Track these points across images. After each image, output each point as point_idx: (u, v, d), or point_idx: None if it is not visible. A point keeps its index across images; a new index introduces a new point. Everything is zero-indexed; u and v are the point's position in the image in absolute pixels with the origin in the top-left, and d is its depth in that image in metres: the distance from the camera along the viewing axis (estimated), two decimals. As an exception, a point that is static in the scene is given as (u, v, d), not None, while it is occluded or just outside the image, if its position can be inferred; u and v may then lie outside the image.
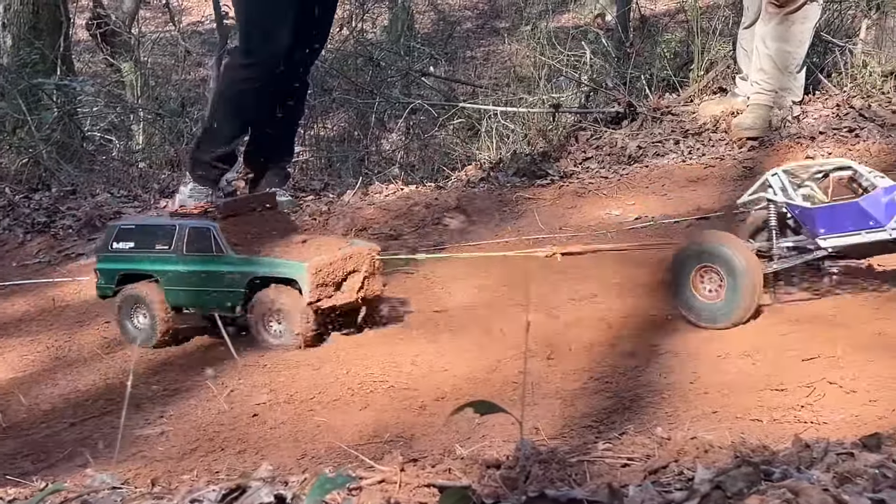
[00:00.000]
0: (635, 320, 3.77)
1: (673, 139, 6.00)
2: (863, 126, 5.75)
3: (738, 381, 3.16)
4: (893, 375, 3.00)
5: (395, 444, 3.01)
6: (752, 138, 5.84)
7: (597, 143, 6.11)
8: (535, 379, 3.37)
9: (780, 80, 5.97)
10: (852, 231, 3.44)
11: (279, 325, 3.79)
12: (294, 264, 3.76)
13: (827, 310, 3.59)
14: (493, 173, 5.90)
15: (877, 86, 6.25)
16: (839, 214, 3.45)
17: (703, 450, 2.24)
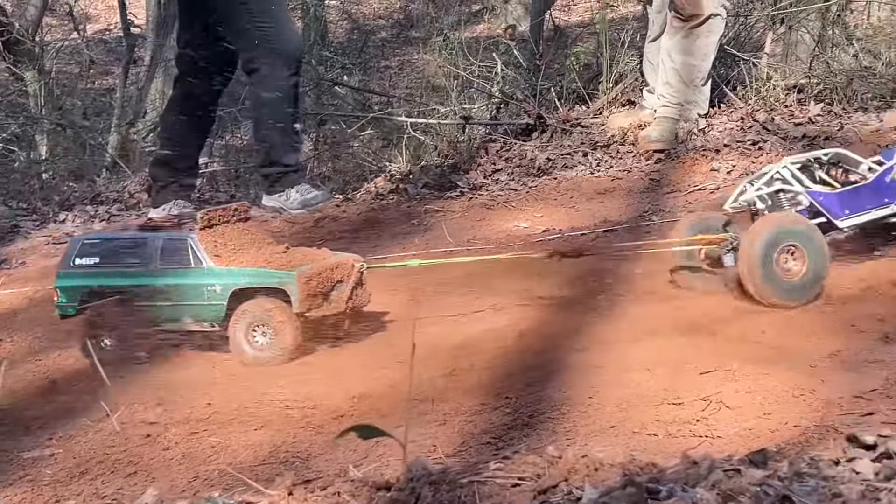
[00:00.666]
0: (539, 333, 3.76)
1: (582, 151, 6.04)
2: (766, 139, 5.86)
3: (636, 395, 3.16)
4: (787, 389, 3.04)
5: (291, 465, 2.96)
6: (658, 150, 5.91)
7: (507, 154, 6.12)
8: (435, 395, 3.34)
9: (686, 93, 6.04)
10: (868, 209, 3.80)
11: (264, 338, 3.71)
12: (284, 273, 3.69)
13: (726, 323, 3.62)
14: (403, 185, 5.87)
15: (780, 99, 6.36)
16: (858, 197, 3.79)
17: (594, 468, 2.23)
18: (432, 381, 3.44)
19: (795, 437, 2.73)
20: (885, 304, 3.59)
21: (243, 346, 3.71)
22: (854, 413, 2.87)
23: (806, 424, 2.79)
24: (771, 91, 6.47)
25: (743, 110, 6.29)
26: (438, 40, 7.98)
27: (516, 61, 7.47)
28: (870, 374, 3.09)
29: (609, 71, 6.71)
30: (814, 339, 3.41)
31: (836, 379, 3.09)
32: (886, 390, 2.98)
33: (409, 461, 2.28)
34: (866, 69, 6.88)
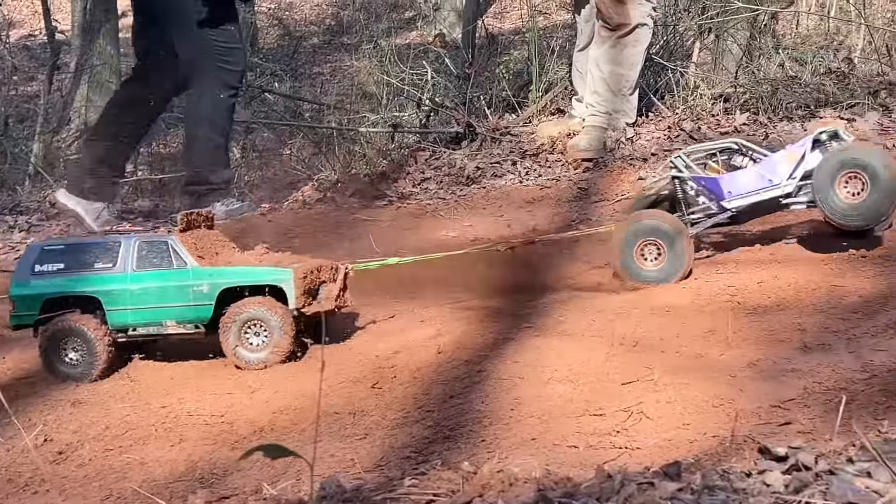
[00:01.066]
0: (465, 344, 3.74)
1: (511, 160, 6.03)
2: (692, 148, 5.88)
3: (558, 406, 3.16)
4: (707, 399, 3.05)
5: (206, 482, 2.91)
6: (587, 159, 5.92)
7: (436, 163, 6.09)
8: (358, 408, 3.31)
9: (614, 102, 6.07)
10: (752, 191, 4.06)
11: (258, 338, 3.68)
12: (281, 271, 3.68)
13: (648, 334, 3.63)
14: (331, 194, 5.82)
15: (706, 108, 6.42)
16: (742, 180, 4.09)
17: (509, 483, 2.20)
18: (355, 394, 3.41)
19: (713, 447, 2.74)
20: (805, 314, 3.62)
21: (236, 348, 3.67)
22: (772, 423, 2.89)
23: (724, 435, 2.80)
24: (698, 100, 6.53)
25: (670, 119, 6.33)
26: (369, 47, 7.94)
27: (447, 69, 7.46)
28: (788, 384, 3.11)
29: (538, 80, 6.73)
30: (734, 348, 3.42)
31: (755, 389, 3.11)
32: (804, 400, 3.00)
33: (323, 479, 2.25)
34: (792, 79, 6.97)
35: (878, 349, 3.24)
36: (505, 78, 7.06)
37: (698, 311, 3.79)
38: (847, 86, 6.67)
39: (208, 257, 3.77)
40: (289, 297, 3.66)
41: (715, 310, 3.76)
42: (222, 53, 5.59)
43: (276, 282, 3.68)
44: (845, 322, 3.52)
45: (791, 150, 4.10)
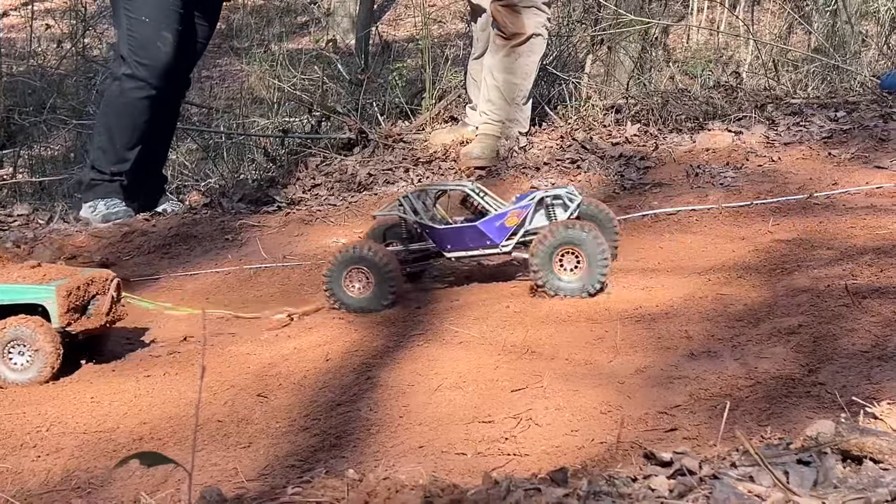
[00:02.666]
0: (353, 351, 3.68)
1: (403, 167, 6.00)
2: (584, 157, 5.94)
3: (447, 413, 3.12)
4: (595, 405, 3.05)
5: (82, 492, 2.79)
6: (479, 167, 5.92)
7: (327, 169, 6.02)
8: (242, 416, 3.22)
9: (508, 111, 6.09)
10: (472, 247, 4.17)
11: (22, 357, 3.51)
12: (41, 288, 3.51)
13: (539, 340, 3.62)
14: (218, 199, 5.70)
15: (598, 119, 6.49)
16: (462, 235, 4.16)
17: (395, 490, 2.16)
18: (239, 402, 3.32)
19: (601, 453, 2.73)
20: (692, 321, 3.66)
21: (2, 371, 3.52)
22: (658, 429, 2.90)
23: (611, 441, 2.80)
24: (590, 111, 6.60)
25: (563, 129, 6.38)
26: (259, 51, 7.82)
27: (340, 75, 7.39)
28: (675, 390, 3.13)
29: (432, 87, 6.72)
30: (622, 355, 3.43)
31: (643, 395, 3.12)
32: (690, 406, 3.02)
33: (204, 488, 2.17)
34: (682, 91, 7.10)
35: (762, 356, 3.28)
36: (398, 85, 7.03)
37: (588, 318, 3.80)
38: (735, 99, 6.83)
39: None
40: (52, 315, 3.53)
41: (604, 318, 3.78)
42: (132, 45, 5.48)
43: (37, 300, 3.53)
44: (731, 329, 3.57)
45: (512, 210, 4.14)
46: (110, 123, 5.56)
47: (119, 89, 5.55)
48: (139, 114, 5.52)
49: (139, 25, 5.45)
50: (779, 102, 6.68)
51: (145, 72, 5.47)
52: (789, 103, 6.66)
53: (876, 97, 6.67)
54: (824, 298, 3.68)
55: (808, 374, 3.10)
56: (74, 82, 8.17)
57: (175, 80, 5.63)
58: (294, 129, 6.81)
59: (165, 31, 5.45)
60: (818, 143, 5.92)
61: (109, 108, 5.62)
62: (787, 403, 2.95)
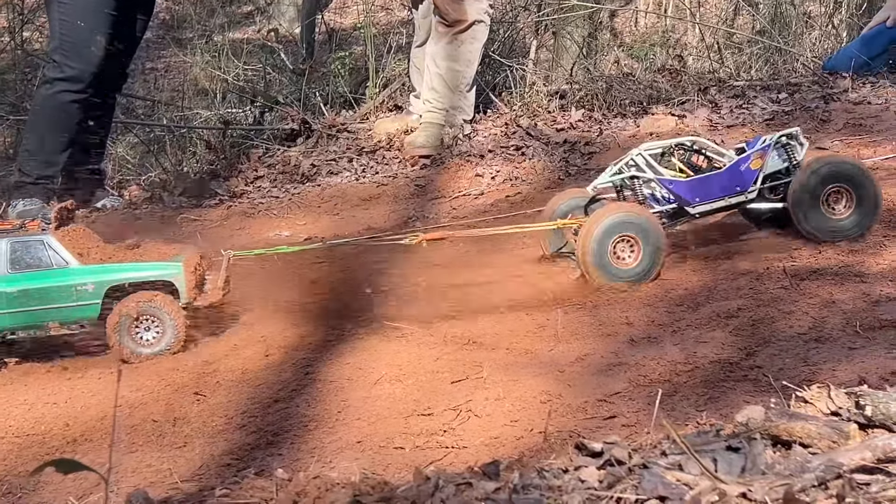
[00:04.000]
0: (293, 346, 3.64)
1: (347, 157, 5.95)
2: (529, 144, 5.93)
3: (386, 407, 3.10)
4: (535, 395, 3.04)
5: (13, 498, 2.74)
6: (424, 156, 5.88)
7: (269, 161, 5.95)
8: (179, 415, 3.18)
9: (451, 98, 6.05)
10: (720, 197, 3.97)
11: (148, 333, 3.55)
12: (170, 264, 3.58)
13: (480, 330, 3.61)
14: (159, 194, 5.62)
15: (543, 105, 6.46)
16: (709, 184, 3.95)
17: (325, 489, 2.13)
18: (176, 401, 3.27)
19: (539, 444, 2.72)
20: (633, 307, 3.66)
21: (128, 343, 3.55)
22: (597, 417, 2.90)
23: (550, 430, 2.79)
24: (534, 97, 6.57)
25: (507, 116, 6.35)
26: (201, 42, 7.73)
27: (284, 65, 7.31)
28: (615, 377, 3.13)
29: (376, 76, 6.67)
30: (563, 343, 3.43)
31: (583, 383, 3.12)
32: (629, 392, 3.03)
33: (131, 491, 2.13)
34: (626, 76, 7.10)
35: (702, 341, 3.29)
36: (342, 74, 6.97)
37: (530, 307, 3.79)
38: (679, 83, 6.83)
39: (90, 254, 3.62)
40: (180, 290, 3.59)
41: (546, 305, 3.77)
42: (64, 48, 5.39)
43: (166, 276, 3.59)
44: (671, 315, 3.58)
45: (754, 152, 3.98)
46: (40, 127, 5.47)
47: (49, 92, 5.46)
48: (70, 117, 5.42)
49: (72, 29, 5.36)
50: (722, 85, 6.70)
51: (77, 75, 5.38)
52: (732, 86, 6.68)
53: (817, 78, 6.71)
54: (763, 281, 3.70)
55: (745, 358, 3.11)
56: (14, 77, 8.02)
57: (108, 79, 5.54)
58: (237, 120, 6.74)
59: (98, 35, 5.36)
60: (760, 124, 5.95)
61: (40, 112, 5.53)
62: (725, 388, 2.96)
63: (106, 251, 3.70)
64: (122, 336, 3.56)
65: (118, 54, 5.51)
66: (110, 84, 5.62)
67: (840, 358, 2.99)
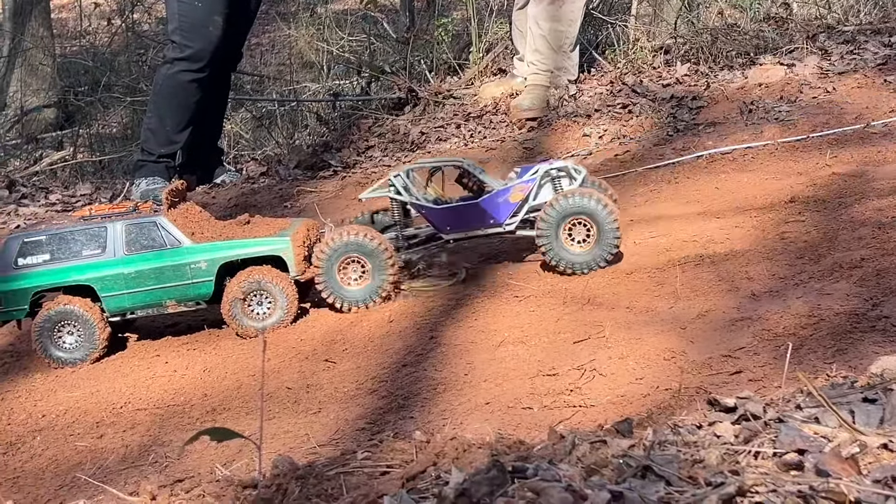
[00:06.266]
0: (415, 312, 3.72)
1: (455, 123, 6.00)
2: (635, 101, 5.89)
3: (511, 368, 3.15)
4: (658, 352, 3.06)
5: (160, 467, 2.87)
6: (531, 119, 5.90)
7: (379, 130, 6.04)
8: (311, 382, 3.29)
9: (555, 59, 6.05)
10: (474, 226, 3.86)
11: (261, 308, 3.71)
12: (279, 240, 3.71)
13: (598, 290, 3.63)
14: (275, 167, 5.75)
15: (647, 61, 6.41)
16: (462, 214, 3.85)
17: (462, 450, 2.19)
18: (307, 369, 3.38)
19: (666, 400, 2.74)
20: (752, 262, 3.64)
21: (242, 320, 3.69)
22: (723, 373, 2.91)
23: (676, 387, 2.81)
24: (639, 53, 6.52)
25: (612, 74, 6.32)
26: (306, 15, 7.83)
27: (387, 34, 7.38)
28: (738, 333, 3.13)
29: (478, 41, 6.69)
30: (683, 301, 3.43)
31: (706, 339, 3.13)
32: (754, 347, 3.02)
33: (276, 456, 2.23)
34: (731, 27, 6.98)
35: (825, 293, 3.26)
36: (445, 41, 7.00)
37: (648, 265, 3.79)
38: (786, 31, 6.69)
39: (201, 232, 3.75)
40: (289, 265, 3.71)
41: (664, 263, 3.77)
42: (183, 28, 5.55)
43: (276, 251, 3.71)
44: (792, 268, 3.54)
45: (516, 185, 3.85)
46: (161, 106, 5.64)
47: (170, 72, 5.62)
48: (190, 96, 5.58)
49: (190, 9, 5.50)
50: (831, 31, 6.54)
51: (196, 54, 5.53)
52: (841, 31, 6.52)
53: (932, 18, 6.51)
54: (886, 230, 3.64)
55: (872, 309, 3.07)
56: (126, 59, 8.25)
57: (226, 58, 5.69)
58: (345, 91, 6.84)
59: (216, 15, 5.50)
60: (873, 70, 5.80)
61: (160, 91, 5.69)
62: (853, 339, 2.93)
63: (217, 228, 3.82)
64: (235, 311, 3.69)
65: (235, 32, 5.64)
66: (228, 62, 5.76)
67: (972, 305, 2.94)
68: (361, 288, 3.75)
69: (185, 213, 3.82)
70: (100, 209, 3.93)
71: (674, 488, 1.68)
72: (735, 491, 1.61)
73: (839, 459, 1.73)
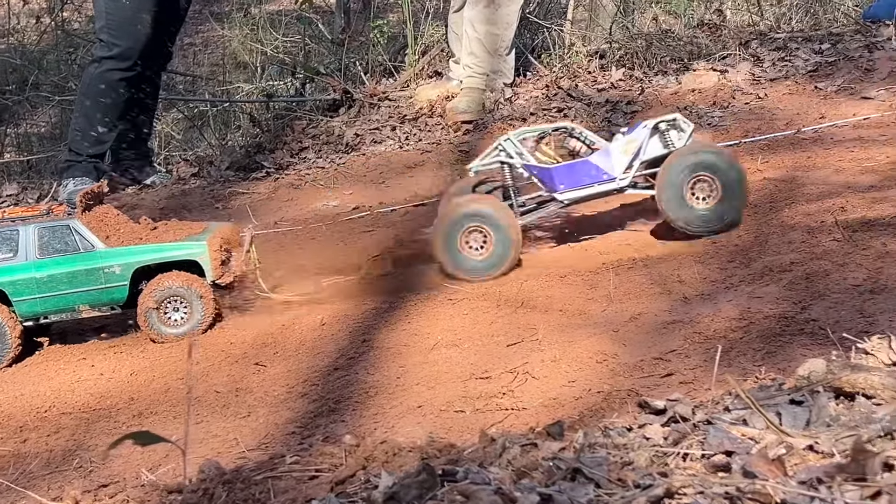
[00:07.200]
0: (349, 314, 3.68)
1: (390, 125, 5.97)
2: (570, 105, 5.91)
3: (444, 371, 3.14)
4: (590, 355, 3.06)
5: (85, 471, 2.81)
6: (466, 122, 5.88)
7: (313, 132, 5.99)
8: (241, 386, 3.24)
9: (491, 62, 6.04)
10: (587, 184, 3.85)
11: (177, 313, 3.63)
12: (195, 244, 3.64)
13: (533, 293, 3.63)
14: (206, 168, 5.67)
15: (583, 65, 6.44)
16: (576, 172, 3.86)
17: (392, 454, 2.17)
18: (237, 372, 3.33)
19: (597, 403, 2.75)
20: (684, 265, 3.66)
21: (157, 325, 3.63)
22: (654, 375, 2.92)
23: (608, 390, 2.82)
24: (574, 58, 6.55)
25: (548, 78, 6.33)
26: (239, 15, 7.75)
27: (321, 35, 7.32)
28: (669, 335, 3.14)
29: (414, 43, 6.66)
30: (616, 303, 3.44)
31: (638, 342, 3.14)
32: (685, 350, 3.04)
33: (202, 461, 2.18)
34: (665, 32, 7.03)
35: (755, 296, 3.29)
36: (380, 42, 6.97)
37: (582, 268, 3.80)
38: (719, 37, 6.76)
39: (116, 236, 3.68)
40: (206, 270, 3.65)
41: (598, 266, 3.78)
42: (111, 26, 5.46)
43: (192, 256, 3.64)
44: (724, 271, 3.57)
45: (628, 139, 3.90)
46: (89, 105, 5.54)
47: (97, 71, 5.52)
48: (118, 95, 5.50)
49: (118, 7, 5.42)
50: (763, 38, 6.63)
51: (124, 53, 5.45)
52: (774, 38, 6.61)
53: (859, 27, 6.61)
54: (815, 234, 3.68)
55: (801, 312, 3.11)
56: (56, 57, 8.10)
57: (155, 56, 5.60)
58: (279, 92, 6.77)
59: (144, 13, 5.42)
60: (804, 76, 5.89)
61: (87, 91, 5.59)
62: (782, 342, 2.96)
63: (134, 232, 3.75)
64: (150, 318, 3.62)
65: (164, 31, 5.55)
66: (157, 61, 5.67)
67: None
68: (484, 258, 3.78)
69: (101, 216, 3.74)
70: (13, 212, 3.83)
71: (603, 490, 1.68)
72: (663, 493, 1.61)
73: (766, 461, 1.74)
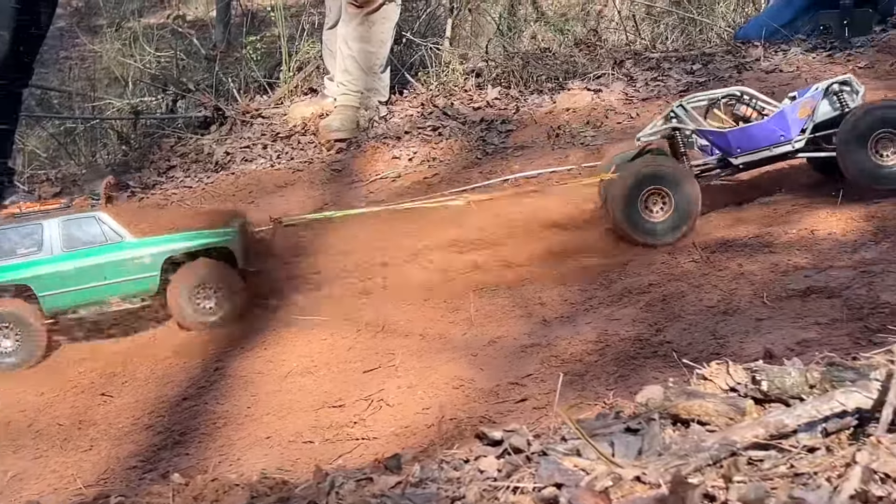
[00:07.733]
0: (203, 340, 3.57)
1: (262, 143, 5.85)
2: (445, 124, 5.87)
3: (297, 400, 3.06)
4: (447, 380, 3.02)
5: None
6: (340, 140, 5.80)
7: (182, 150, 5.83)
8: (85, 418, 3.11)
9: (365, 80, 5.97)
10: (763, 147, 3.89)
11: (209, 301, 3.55)
12: (225, 232, 3.57)
13: (394, 317, 3.57)
14: (70, 188, 5.48)
15: (459, 84, 6.41)
16: (751, 135, 3.89)
17: (223, 492, 2.10)
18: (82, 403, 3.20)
19: (450, 430, 2.70)
20: (546, 287, 3.65)
21: (189, 313, 3.55)
22: (508, 401, 2.88)
23: (461, 417, 2.78)
24: (451, 76, 6.52)
25: (424, 96, 6.29)
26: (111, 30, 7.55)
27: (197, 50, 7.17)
28: (527, 359, 3.12)
29: (289, 59, 6.56)
30: (476, 327, 3.41)
31: (496, 366, 3.11)
32: (541, 374, 3.01)
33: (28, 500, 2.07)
34: (543, 51, 7.07)
35: (613, 318, 3.29)
36: (255, 59, 6.84)
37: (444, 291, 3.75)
38: (596, 57, 6.81)
39: (141, 226, 3.60)
40: (237, 256, 3.59)
41: (459, 289, 3.73)
42: None
43: (223, 243, 3.59)
44: (584, 293, 3.57)
45: (802, 101, 3.91)
46: None
47: None
48: None
49: None
50: (637, 58, 6.70)
51: None
52: (648, 58, 6.68)
53: (730, 48, 6.74)
54: (675, 256, 3.71)
55: (655, 334, 3.11)
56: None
57: (14, 74, 5.39)
58: (150, 109, 6.59)
59: (1, 29, 5.21)
60: (675, 96, 5.95)
61: None
62: (635, 365, 2.96)
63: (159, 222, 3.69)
64: None
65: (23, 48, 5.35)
66: (17, 78, 5.45)
67: (748, 330, 3.00)
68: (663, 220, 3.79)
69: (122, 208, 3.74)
70: (31, 206, 3.75)
71: (424, 530, 1.62)
72: (481, 532, 1.56)
73: (592, 494, 1.71)
